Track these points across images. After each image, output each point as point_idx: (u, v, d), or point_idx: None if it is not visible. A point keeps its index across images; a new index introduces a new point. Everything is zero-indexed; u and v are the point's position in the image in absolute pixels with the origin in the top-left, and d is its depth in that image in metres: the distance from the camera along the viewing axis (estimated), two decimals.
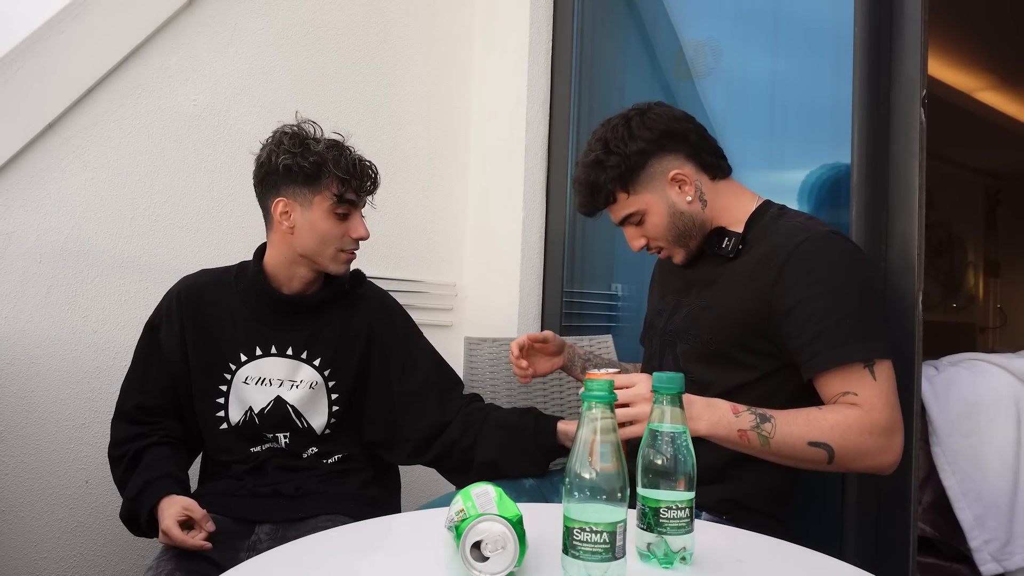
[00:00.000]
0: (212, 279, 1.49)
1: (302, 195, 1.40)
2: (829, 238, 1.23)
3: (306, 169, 1.37)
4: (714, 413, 1.14)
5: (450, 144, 2.44)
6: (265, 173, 1.42)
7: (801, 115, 1.80)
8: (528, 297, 2.29)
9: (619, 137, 1.32)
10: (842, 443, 1.12)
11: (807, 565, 0.95)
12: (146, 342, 1.46)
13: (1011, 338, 5.41)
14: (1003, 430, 2.02)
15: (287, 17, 2.07)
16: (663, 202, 1.33)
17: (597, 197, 1.36)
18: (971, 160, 5.34)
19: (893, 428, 1.15)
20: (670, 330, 1.38)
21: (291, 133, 1.41)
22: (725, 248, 1.31)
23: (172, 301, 1.46)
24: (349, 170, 1.40)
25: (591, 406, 0.82)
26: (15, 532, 1.63)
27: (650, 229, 1.36)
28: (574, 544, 0.79)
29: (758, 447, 1.14)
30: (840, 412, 1.15)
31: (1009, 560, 1.94)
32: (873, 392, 1.15)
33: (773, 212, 1.34)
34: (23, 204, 1.64)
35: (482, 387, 1.83)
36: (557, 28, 2.37)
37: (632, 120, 1.33)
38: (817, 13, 1.81)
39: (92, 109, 1.73)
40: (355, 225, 1.44)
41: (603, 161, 1.33)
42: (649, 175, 1.33)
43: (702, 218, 1.34)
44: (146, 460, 1.37)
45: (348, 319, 1.51)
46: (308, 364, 1.46)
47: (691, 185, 1.32)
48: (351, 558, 0.96)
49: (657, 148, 1.32)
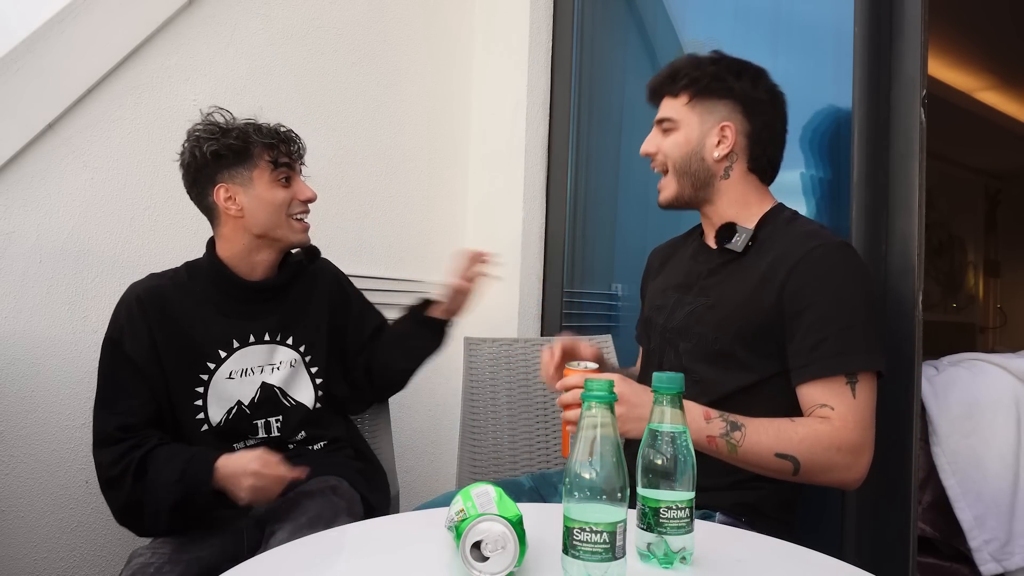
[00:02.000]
0: (167, 281, 1.44)
1: (240, 175, 1.41)
2: (841, 247, 1.24)
3: (234, 147, 1.39)
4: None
5: (450, 144, 2.44)
6: (196, 170, 1.42)
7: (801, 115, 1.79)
8: (528, 297, 2.29)
9: (733, 66, 1.34)
10: (808, 457, 1.14)
11: (807, 565, 0.95)
12: (110, 360, 1.36)
13: (1011, 338, 5.41)
14: (1003, 430, 2.02)
15: (287, 17, 2.07)
16: (699, 134, 1.33)
17: (669, 82, 1.37)
18: (971, 160, 5.34)
19: (861, 448, 1.16)
20: (671, 327, 1.36)
21: (204, 125, 1.42)
22: (735, 243, 1.31)
23: (132, 309, 1.38)
24: (272, 135, 1.43)
25: (591, 406, 0.82)
26: (15, 532, 1.63)
27: (669, 145, 1.36)
28: (574, 544, 0.79)
29: (725, 453, 1.15)
30: (810, 426, 1.16)
31: (1009, 560, 1.94)
32: (848, 409, 1.16)
33: (787, 215, 1.34)
34: (23, 204, 1.64)
35: (482, 387, 1.83)
36: (557, 28, 2.37)
37: (751, 70, 1.35)
38: (817, 13, 1.81)
39: (92, 109, 1.73)
40: (300, 188, 1.46)
41: (702, 64, 1.34)
42: (713, 107, 1.33)
43: (714, 182, 1.34)
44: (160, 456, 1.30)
45: (309, 295, 1.55)
46: (283, 344, 1.48)
47: (728, 147, 1.32)
48: (351, 558, 0.96)
49: (741, 100, 1.33)
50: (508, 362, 1.87)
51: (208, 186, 1.42)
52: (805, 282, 1.20)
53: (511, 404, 1.84)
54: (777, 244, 1.27)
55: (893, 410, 1.49)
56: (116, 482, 1.30)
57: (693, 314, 1.33)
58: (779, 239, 1.28)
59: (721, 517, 1.24)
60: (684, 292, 1.38)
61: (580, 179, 2.35)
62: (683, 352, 1.33)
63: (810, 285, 1.20)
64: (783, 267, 1.23)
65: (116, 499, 1.31)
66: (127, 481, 1.28)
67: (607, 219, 2.36)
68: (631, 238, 2.30)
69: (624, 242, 2.33)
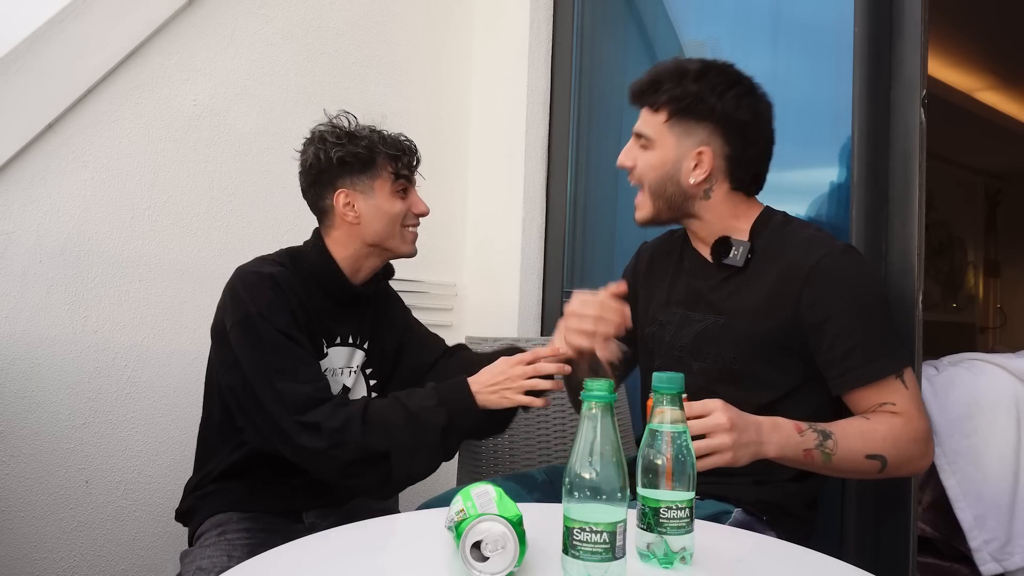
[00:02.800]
0: (283, 270, 1.38)
1: (361, 183, 1.40)
2: (847, 252, 1.24)
3: (360, 155, 1.39)
4: (781, 435, 1.11)
5: (450, 144, 2.44)
6: (317, 172, 1.41)
7: (801, 115, 1.80)
8: (528, 297, 2.29)
9: (716, 83, 1.27)
10: (894, 453, 1.15)
11: (807, 565, 0.95)
12: (265, 335, 1.28)
13: (1011, 338, 5.41)
14: (1003, 430, 2.02)
15: (287, 17, 2.07)
16: (674, 157, 1.29)
17: (648, 94, 1.31)
18: (971, 160, 5.34)
19: (929, 433, 1.20)
20: (679, 345, 1.33)
21: (331, 129, 1.42)
22: (733, 258, 1.28)
23: (273, 288, 1.32)
24: (398, 147, 1.43)
25: (591, 406, 0.82)
26: (15, 532, 1.63)
27: (643, 162, 1.32)
28: (574, 544, 0.79)
29: (820, 464, 1.13)
30: (888, 423, 1.16)
31: (1009, 560, 1.94)
32: (908, 401, 1.18)
33: (779, 219, 1.32)
34: (23, 204, 1.64)
35: None
36: (557, 28, 2.37)
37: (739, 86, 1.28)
38: (817, 13, 1.81)
39: (92, 109, 1.73)
40: (415, 201, 1.46)
41: (686, 76, 1.28)
42: (692, 129, 1.28)
43: (692, 205, 1.31)
44: (385, 403, 1.27)
45: (382, 308, 1.56)
46: (360, 349, 1.49)
47: (705, 172, 1.28)
48: (351, 558, 0.96)
49: (721, 123, 1.27)
50: None
51: (328, 189, 1.41)
52: (823, 292, 1.20)
53: None
54: (779, 253, 1.26)
55: None
56: (341, 432, 1.21)
57: (705, 333, 1.30)
58: (779, 247, 1.27)
59: (740, 515, 1.22)
60: (690, 309, 1.35)
61: (580, 179, 2.35)
62: (698, 372, 1.30)
63: (828, 295, 1.20)
64: (795, 279, 1.22)
65: (347, 449, 1.22)
66: (354, 429, 1.22)
67: (607, 219, 2.36)
68: (631, 238, 2.29)
69: (624, 242, 2.32)
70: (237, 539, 1.27)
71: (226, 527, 1.30)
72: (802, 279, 1.21)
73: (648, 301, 1.45)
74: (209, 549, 1.23)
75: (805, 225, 1.32)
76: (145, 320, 1.80)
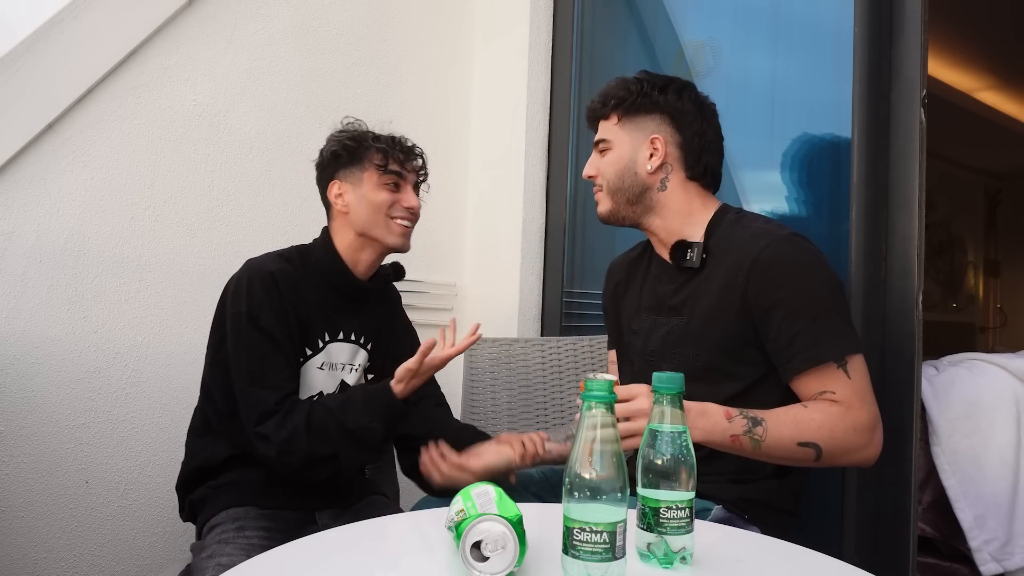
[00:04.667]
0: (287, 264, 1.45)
1: (352, 175, 1.47)
2: (791, 240, 1.26)
3: (349, 147, 1.46)
4: (708, 420, 1.16)
5: (450, 144, 2.44)
6: (321, 168, 1.51)
7: (801, 115, 1.80)
8: (528, 297, 2.29)
9: (657, 82, 1.37)
10: (829, 441, 1.16)
11: (807, 565, 0.95)
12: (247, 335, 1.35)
13: (1011, 338, 5.41)
14: (1003, 430, 2.02)
15: (287, 17, 2.07)
16: (629, 151, 1.36)
17: (600, 106, 1.40)
18: (971, 160, 5.34)
19: (874, 424, 1.19)
20: (650, 350, 1.38)
21: (339, 129, 1.51)
22: (690, 260, 1.32)
23: (269, 286, 1.38)
24: (388, 141, 1.48)
25: (591, 406, 0.82)
26: (15, 532, 1.63)
27: (604, 164, 1.39)
28: (574, 544, 0.79)
29: (749, 450, 1.16)
30: (824, 410, 1.18)
31: (1009, 560, 1.94)
32: (850, 390, 1.18)
33: (731, 217, 1.35)
34: (23, 204, 1.64)
35: (482, 387, 1.83)
36: (557, 28, 2.37)
37: (676, 83, 1.38)
38: (817, 13, 1.81)
39: (92, 109, 1.73)
40: (406, 195, 1.49)
41: (627, 83, 1.38)
42: (641, 123, 1.36)
43: (651, 196, 1.36)
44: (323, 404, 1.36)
45: (388, 308, 1.60)
46: (363, 348, 1.52)
47: (660, 158, 1.34)
48: (351, 558, 0.96)
49: (667, 113, 1.36)
50: (508, 362, 1.87)
51: (326, 183, 1.50)
52: (765, 281, 1.22)
53: (511, 404, 1.84)
54: (728, 249, 1.29)
55: (893, 410, 1.48)
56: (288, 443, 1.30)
57: (670, 335, 1.34)
58: (730, 244, 1.30)
59: (720, 512, 1.24)
60: (657, 313, 1.39)
61: (580, 179, 2.34)
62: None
63: (771, 284, 1.22)
64: (740, 272, 1.24)
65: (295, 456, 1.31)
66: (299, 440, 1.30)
67: None
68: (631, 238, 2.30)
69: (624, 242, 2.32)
70: (255, 538, 1.28)
71: (244, 522, 1.32)
72: (746, 271, 1.23)
73: (625, 312, 1.50)
74: (229, 546, 1.24)
75: (754, 218, 1.35)
76: (145, 320, 1.80)
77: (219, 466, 1.42)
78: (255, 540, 1.27)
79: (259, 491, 1.38)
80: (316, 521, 1.42)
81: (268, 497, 1.38)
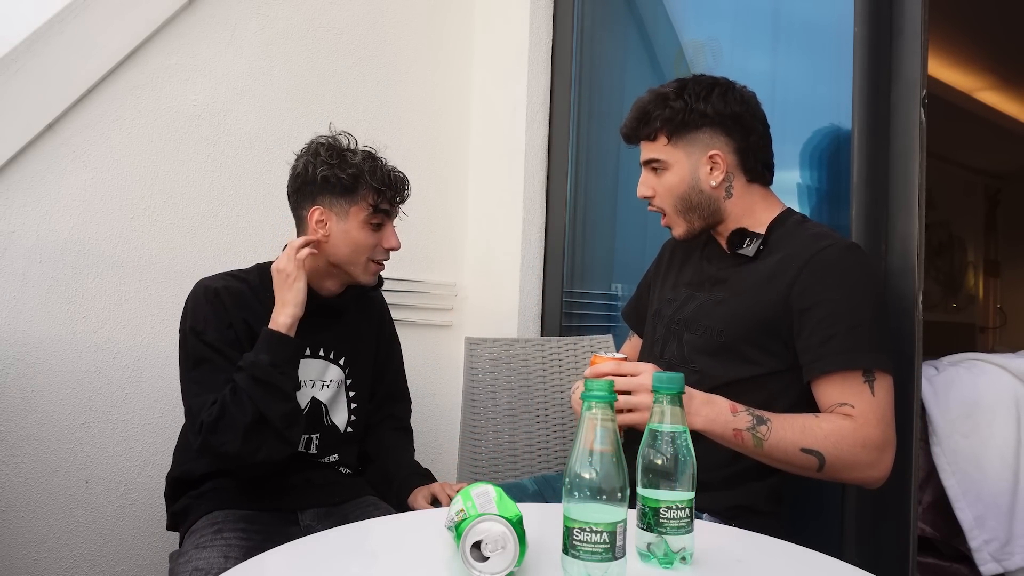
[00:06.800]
0: (241, 283, 1.45)
1: (338, 205, 1.43)
2: (851, 248, 1.26)
3: (343, 180, 1.41)
4: (712, 409, 1.15)
5: (450, 144, 2.44)
6: (301, 183, 1.44)
7: (801, 115, 1.79)
8: (528, 297, 2.29)
9: (696, 91, 1.33)
10: (834, 453, 1.14)
11: (807, 565, 0.95)
12: (195, 350, 1.37)
13: (1011, 338, 5.41)
14: (1003, 430, 2.02)
15: (287, 17, 2.07)
16: (689, 170, 1.34)
17: (642, 127, 1.36)
18: (971, 160, 5.34)
19: (885, 445, 1.17)
20: (678, 319, 1.38)
21: (327, 144, 1.44)
22: (747, 248, 1.32)
23: (213, 302, 1.39)
24: (384, 181, 1.43)
25: (591, 406, 0.82)
26: (15, 532, 1.63)
27: (662, 185, 1.36)
28: (574, 544, 0.79)
29: (751, 447, 1.15)
30: (835, 422, 1.16)
31: (1009, 560, 1.94)
32: (870, 407, 1.17)
33: (796, 219, 1.36)
34: (23, 204, 1.64)
35: (483, 387, 1.83)
36: (557, 28, 2.37)
37: (718, 86, 1.34)
38: (817, 13, 1.81)
39: (92, 109, 1.73)
40: (387, 235, 1.47)
41: (668, 99, 1.34)
42: (694, 139, 1.33)
43: (719, 206, 1.35)
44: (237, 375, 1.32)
45: (363, 320, 1.57)
46: (335, 364, 1.50)
47: (722, 171, 1.33)
48: (351, 558, 0.96)
49: (718, 122, 1.32)
50: (508, 362, 1.87)
51: (306, 202, 1.44)
52: (816, 279, 1.21)
53: (511, 404, 1.84)
54: (788, 245, 1.29)
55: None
56: (220, 422, 1.28)
57: (702, 307, 1.34)
58: (789, 240, 1.30)
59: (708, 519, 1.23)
60: (696, 289, 1.39)
61: (580, 179, 2.35)
62: (686, 343, 1.34)
63: (821, 282, 1.21)
64: (793, 264, 1.24)
65: (228, 436, 1.28)
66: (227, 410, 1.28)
67: (607, 219, 2.36)
68: (631, 238, 2.30)
69: (624, 242, 2.32)
70: (233, 539, 1.27)
71: (222, 525, 1.30)
72: (800, 266, 1.23)
73: (661, 288, 1.50)
74: (206, 551, 1.23)
75: (820, 225, 1.35)
76: (145, 320, 1.80)
77: (199, 478, 1.42)
78: (233, 541, 1.26)
79: (238, 494, 1.38)
80: (298, 522, 1.41)
81: (247, 499, 1.38)
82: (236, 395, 1.29)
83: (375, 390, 1.59)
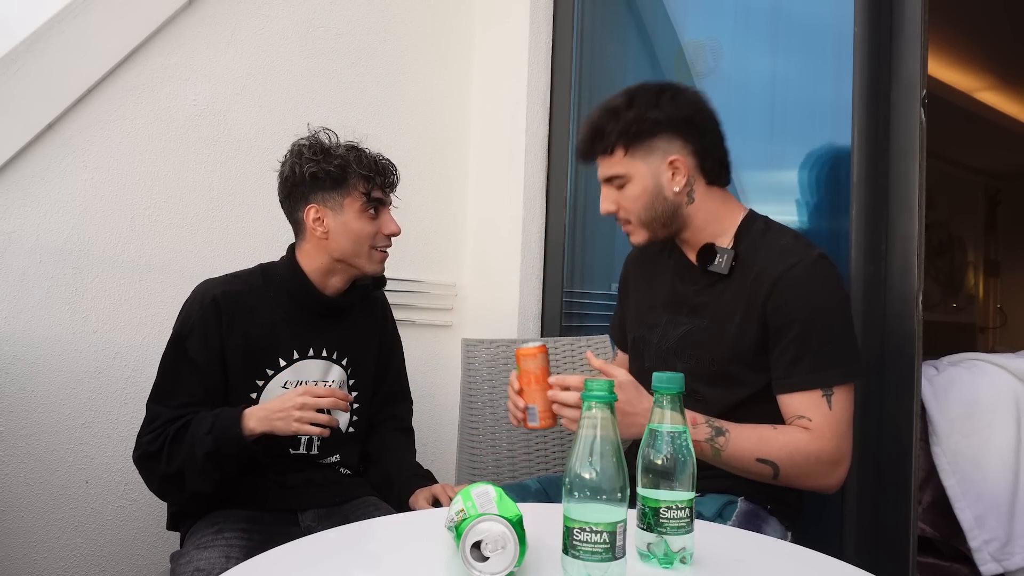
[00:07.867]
0: (244, 286, 1.45)
1: (332, 200, 1.43)
2: (817, 263, 1.26)
3: (332, 173, 1.41)
4: None
5: (450, 144, 2.44)
6: (292, 185, 1.45)
7: (801, 115, 1.80)
8: (528, 297, 2.29)
9: (645, 99, 1.31)
10: (788, 464, 1.19)
11: (807, 565, 0.95)
12: (172, 356, 1.39)
13: (1011, 338, 5.41)
14: (1003, 430, 2.02)
15: (287, 17, 2.07)
16: (651, 179, 1.32)
17: (597, 143, 1.35)
18: (971, 160, 5.34)
19: (839, 459, 1.21)
20: (665, 348, 1.38)
21: (309, 143, 1.44)
22: (718, 265, 1.32)
23: (207, 311, 1.39)
24: (372, 167, 1.44)
25: (591, 406, 0.82)
26: (15, 532, 1.63)
27: (626, 198, 1.35)
28: (574, 544, 0.79)
29: (710, 457, 1.19)
30: (792, 434, 1.21)
31: (1009, 560, 1.94)
32: (825, 421, 1.20)
33: (760, 226, 1.35)
34: (23, 204, 1.64)
35: (480, 388, 1.83)
36: (557, 28, 2.37)
37: (665, 92, 1.33)
38: (817, 13, 1.81)
39: (92, 109, 1.73)
40: (386, 222, 1.48)
41: (619, 113, 1.32)
42: (651, 147, 1.32)
43: (683, 212, 1.34)
44: (194, 421, 1.32)
45: (366, 321, 1.57)
46: (337, 364, 1.50)
47: (684, 176, 1.32)
48: (351, 558, 0.96)
49: (672, 128, 1.31)
50: (507, 363, 1.86)
51: (300, 203, 1.45)
52: (785, 300, 1.24)
53: None
54: (757, 261, 1.29)
55: (893, 410, 1.48)
56: (153, 456, 1.31)
57: (689, 335, 1.35)
58: (757, 254, 1.30)
59: (744, 504, 1.27)
60: (675, 311, 1.39)
61: (580, 179, 2.35)
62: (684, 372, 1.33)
63: (789, 303, 1.23)
64: (764, 284, 1.25)
65: (154, 472, 1.32)
66: (163, 452, 1.30)
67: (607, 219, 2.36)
68: None
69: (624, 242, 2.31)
70: (234, 539, 1.27)
71: (223, 526, 1.31)
72: (770, 285, 1.25)
73: (637, 304, 1.50)
74: (207, 551, 1.23)
75: (783, 232, 1.34)
76: (145, 320, 1.80)
77: None
78: (234, 541, 1.26)
79: (238, 495, 1.38)
80: (299, 522, 1.41)
81: (248, 499, 1.38)
82: (175, 442, 1.31)
83: (377, 390, 1.60)
